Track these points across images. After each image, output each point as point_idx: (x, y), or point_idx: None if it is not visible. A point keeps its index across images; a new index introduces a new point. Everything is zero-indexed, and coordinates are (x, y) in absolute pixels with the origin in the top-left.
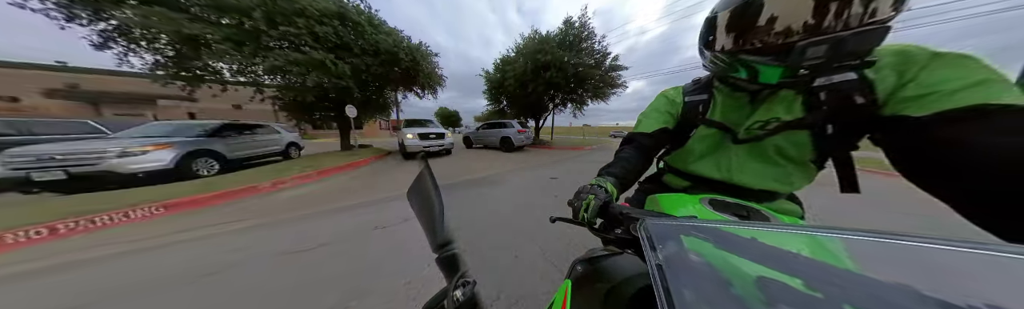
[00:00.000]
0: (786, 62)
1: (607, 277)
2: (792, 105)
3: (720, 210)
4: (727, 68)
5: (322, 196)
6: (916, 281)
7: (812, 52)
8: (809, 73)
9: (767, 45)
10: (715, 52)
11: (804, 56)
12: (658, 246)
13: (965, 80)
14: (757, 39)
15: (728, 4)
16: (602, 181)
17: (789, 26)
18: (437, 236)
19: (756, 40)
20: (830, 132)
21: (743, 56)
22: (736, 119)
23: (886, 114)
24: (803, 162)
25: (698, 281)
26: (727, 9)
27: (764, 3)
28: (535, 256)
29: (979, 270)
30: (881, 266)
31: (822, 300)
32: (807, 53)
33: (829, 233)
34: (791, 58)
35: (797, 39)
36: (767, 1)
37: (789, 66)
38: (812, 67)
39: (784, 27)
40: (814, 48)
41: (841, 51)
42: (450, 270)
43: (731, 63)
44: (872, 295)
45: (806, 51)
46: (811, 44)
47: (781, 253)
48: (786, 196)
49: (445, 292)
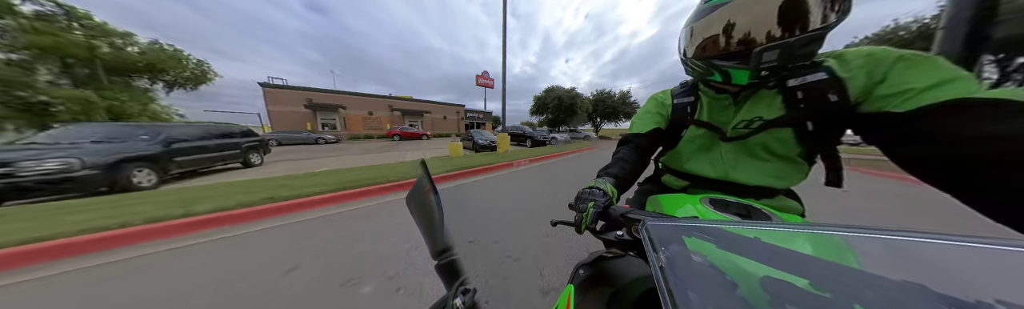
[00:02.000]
0: (749, 66)
1: (610, 281)
2: (772, 104)
3: (721, 209)
4: (704, 72)
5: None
6: (925, 279)
7: (767, 56)
8: (768, 74)
9: (731, 52)
10: (692, 59)
11: (761, 60)
12: (660, 248)
13: (935, 78)
14: (722, 47)
15: (697, 18)
16: (601, 182)
17: (747, 36)
18: (437, 242)
19: (722, 48)
20: (811, 129)
21: (715, 61)
22: (723, 119)
23: (868, 111)
24: (791, 158)
25: (702, 283)
26: (697, 22)
27: (726, 18)
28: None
29: (988, 266)
30: (888, 264)
31: (831, 300)
32: (763, 57)
33: (833, 231)
34: (751, 62)
35: (753, 46)
36: (728, 16)
37: (752, 69)
38: (769, 69)
39: (743, 36)
40: (768, 53)
41: (790, 54)
42: (450, 277)
43: (707, 68)
44: (882, 294)
45: (762, 55)
46: (764, 49)
47: (785, 252)
48: (784, 192)
49: (445, 300)
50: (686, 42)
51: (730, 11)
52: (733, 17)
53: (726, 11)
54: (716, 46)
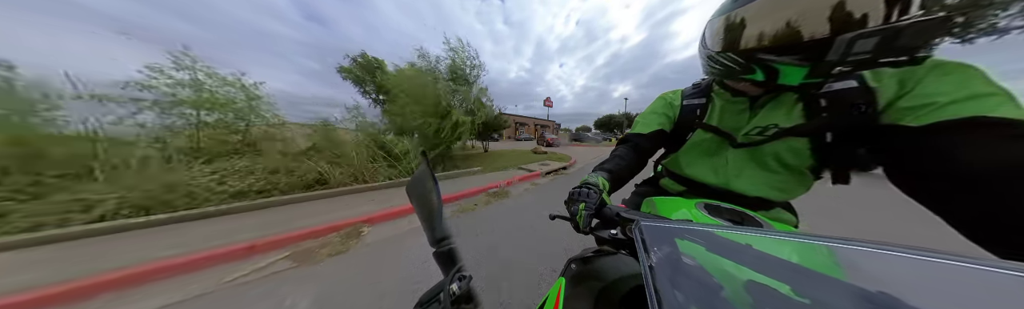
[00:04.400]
0: (822, 59)
1: (601, 276)
2: (791, 112)
3: (714, 214)
4: (739, 70)
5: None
6: (899, 291)
7: (860, 46)
8: (849, 70)
9: (798, 42)
10: (726, 53)
11: (849, 50)
12: (652, 248)
13: (962, 92)
14: (786, 35)
15: (743, 2)
16: (595, 177)
17: (830, 18)
18: (435, 231)
19: (782, 36)
20: (829, 140)
21: (763, 55)
22: (734, 124)
23: (883, 123)
24: (800, 170)
25: (689, 283)
26: (742, 7)
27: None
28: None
29: (962, 283)
30: (868, 275)
31: (809, 306)
32: (854, 47)
33: (820, 241)
34: (830, 53)
35: (838, 33)
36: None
37: (824, 63)
38: (855, 63)
39: (825, 19)
40: (863, 41)
41: (893, 45)
42: (447, 264)
43: (745, 64)
44: (857, 304)
45: (854, 44)
46: (860, 36)
47: (772, 259)
48: (781, 205)
49: (441, 285)
50: (721, 33)
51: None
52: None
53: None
54: (776, 34)
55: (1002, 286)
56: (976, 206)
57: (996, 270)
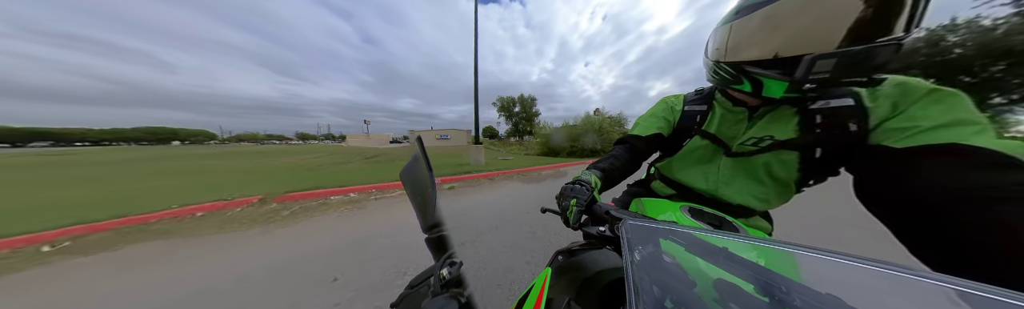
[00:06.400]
0: (793, 76)
1: (585, 268)
2: (787, 125)
3: (697, 218)
4: (731, 80)
5: None
6: (845, 294)
7: (820, 65)
8: (815, 87)
9: (774, 58)
10: (721, 63)
11: (810, 70)
12: (636, 246)
13: (945, 118)
14: (765, 51)
15: (740, 15)
16: (588, 174)
17: (799, 39)
18: (428, 217)
19: (763, 52)
20: (818, 156)
21: (749, 68)
22: (731, 133)
23: (870, 143)
24: (786, 183)
25: (666, 279)
26: (738, 20)
27: (777, 16)
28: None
29: (898, 289)
30: (822, 279)
31: (767, 304)
32: (815, 67)
33: (786, 248)
34: (798, 71)
35: (806, 52)
36: (781, 14)
37: (795, 80)
38: (818, 82)
39: (794, 40)
40: (822, 62)
41: (849, 66)
42: (438, 250)
43: (736, 75)
44: (807, 303)
45: (814, 64)
46: (820, 57)
47: (741, 261)
48: (761, 213)
49: (432, 270)
50: (718, 43)
51: (786, 7)
52: (788, 15)
53: (780, 7)
54: (757, 50)
55: (929, 293)
56: (927, 227)
57: (928, 280)
